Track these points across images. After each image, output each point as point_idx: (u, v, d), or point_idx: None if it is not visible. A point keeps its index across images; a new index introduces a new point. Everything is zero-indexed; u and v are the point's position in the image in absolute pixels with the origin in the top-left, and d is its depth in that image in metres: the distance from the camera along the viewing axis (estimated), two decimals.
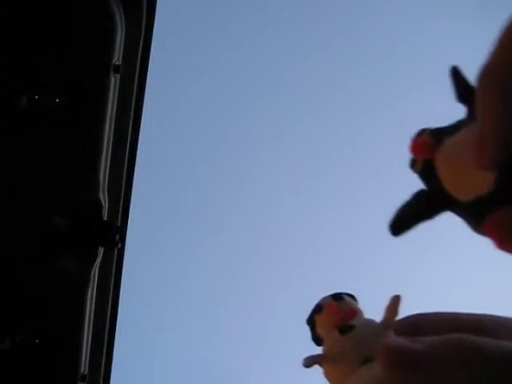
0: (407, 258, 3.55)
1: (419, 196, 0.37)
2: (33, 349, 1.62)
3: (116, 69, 1.47)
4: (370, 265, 3.53)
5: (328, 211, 3.43)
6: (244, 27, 3.37)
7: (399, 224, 0.37)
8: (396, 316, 0.40)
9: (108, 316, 1.74)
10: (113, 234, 1.62)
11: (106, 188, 1.58)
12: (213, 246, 3.65)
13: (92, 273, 1.62)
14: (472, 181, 0.34)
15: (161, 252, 3.64)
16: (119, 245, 1.65)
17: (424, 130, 0.36)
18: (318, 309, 0.42)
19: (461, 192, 0.35)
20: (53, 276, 1.58)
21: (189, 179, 3.57)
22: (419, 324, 0.40)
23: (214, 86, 3.39)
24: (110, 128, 1.52)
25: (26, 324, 1.63)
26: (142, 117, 1.60)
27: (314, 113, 3.32)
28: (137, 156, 1.63)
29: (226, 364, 3.69)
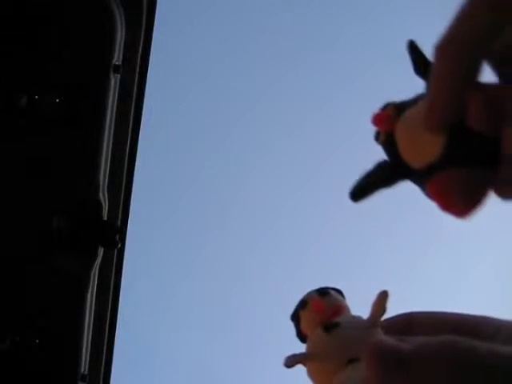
0: (396, 252, 3.55)
1: (380, 166, 0.38)
2: (33, 349, 1.62)
3: (116, 69, 1.47)
4: (358, 258, 3.53)
5: (315, 203, 3.43)
6: (244, 27, 3.37)
7: (359, 191, 0.38)
8: (383, 313, 0.38)
9: (108, 316, 1.74)
10: (113, 234, 1.62)
11: (106, 188, 1.58)
12: (213, 246, 3.65)
13: (92, 273, 1.62)
14: (424, 148, 0.35)
15: (161, 252, 3.65)
16: (119, 245, 1.65)
17: (388, 104, 0.38)
18: (303, 304, 0.40)
19: (415, 159, 0.36)
20: (53, 276, 1.58)
21: (189, 179, 3.57)
22: (410, 323, 0.39)
23: (214, 86, 3.39)
24: (110, 128, 1.52)
25: (26, 324, 1.63)
26: (142, 117, 1.60)
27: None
28: (137, 156, 1.63)
29: (226, 363, 3.69)
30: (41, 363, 1.65)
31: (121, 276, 1.74)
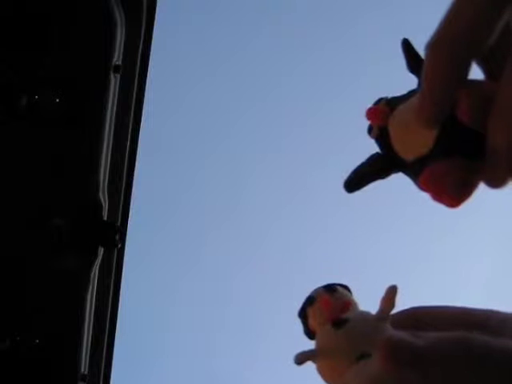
0: (404, 247, 3.55)
1: (373, 158, 0.39)
2: (33, 349, 1.62)
3: (116, 69, 1.47)
4: (366, 254, 3.53)
5: (321, 199, 3.43)
6: (244, 27, 3.37)
7: (353, 182, 0.39)
8: (392, 308, 0.38)
9: (108, 316, 1.74)
10: (113, 234, 1.61)
11: (106, 188, 1.58)
12: (214, 244, 3.65)
13: (92, 273, 1.62)
14: (416, 141, 0.37)
15: (161, 252, 3.64)
16: (119, 245, 1.65)
17: (381, 99, 0.39)
18: (310, 301, 0.40)
19: (407, 152, 0.37)
20: (53, 276, 1.58)
21: (189, 179, 3.57)
22: (419, 318, 0.39)
23: (215, 86, 3.39)
24: (110, 128, 1.52)
25: (26, 324, 1.63)
26: (142, 117, 1.60)
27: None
28: (137, 156, 1.63)
29: (229, 363, 3.69)
30: (41, 363, 1.65)
31: (121, 276, 1.73)
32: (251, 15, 3.32)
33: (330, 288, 0.41)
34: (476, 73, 0.37)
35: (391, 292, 0.38)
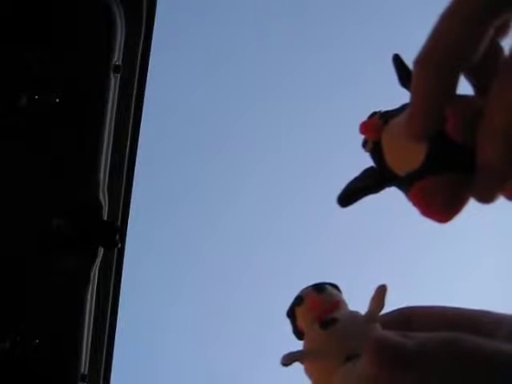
0: (394, 246, 3.55)
1: (367, 172, 0.39)
2: (33, 349, 1.62)
3: (116, 69, 1.47)
4: (355, 253, 3.53)
5: (312, 198, 3.43)
6: (244, 27, 3.37)
7: (347, 197, 0.39)
8: (382, 308, 0.38)
9: (108, 316, 1.74)
10: (113, 234, 1.61)
11: (106, 188, 1.58)
12: (212, 245, 3.65)
13: (92, 273, 1.62)
14: (407, 156, 0.37)
15: (161, 252, 3.64)
16: (119, 245, 1.65)
17: (375, 113, 0.40)
18: (299, 301, 0.40)
19: (399, 167, 0.38)
20: (53, 276, 1.58)
21: (189, 179, 3.57)
22: (409, 318, 0.39)
23: (215, 86, 3.39)
24: (110, 128, 1.52)
25: (26, 324, 1.63)
26: (142, 117, 1.60)
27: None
28: (137, 156, 1.63)
29: (226, 362, 3.69)
30: (41, 363, 1.65)
31: (121, 276, 1.73)
32: (251, 15, 3.31)
33: (319, 287, 0.40)
34: (465, 87, 0.37)
35: (381, 292, 0.38)
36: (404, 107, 0.38)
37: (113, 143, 1.55)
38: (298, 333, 0.40)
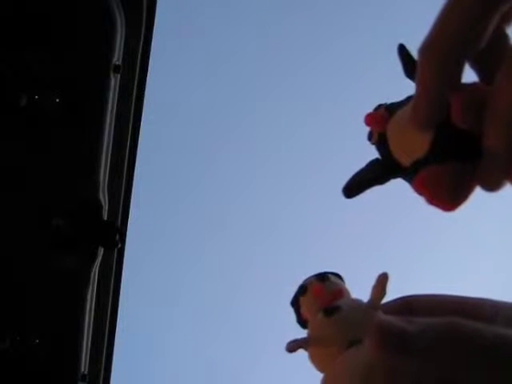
0: (395, 235, 3.56)
1: (373, 164, 0.39)
2: (33, 349, 1.62)
3: (116, 69, 1.47)
4: (357, 242, 3.53)
5: (313, 187, 3.43)
6: (244, 27, 3.37)
7: (352, 187, 0.39)
8: (384, 296, 0.38)
9: (108, 316, 1.74)
10: (113, 234, 1.61)
11: (106, 188, 1.58)
12: (212, 244, 3.65)
13: (92, 273, 1.62)
14: (412, 145, 0.37)
15: (161, 252, 3.65)
16: (119, 245, 1.65)
17: (380, 105, 0.40)
18: (302, 290, 0.40)
19: (404, 157, 0.37)
20: (53, 276, 1.58)
21: (189, 179, 3.57)
22: (409, 306, 0.39)
23: (215, 86, 3.39)
24: (110, 128, 1.52)
25: (26, 324, 1.63)
26: (142, 117, 1.60)
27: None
28: (137, 156, 1.63)
29: (228, 361, 3.69)
30: (41, 363, 1.65)
31: (121, 276, 1.73)
32: (251, 15, 3.32)
33: (322, 276, 0.41)
34: (470, 76, 0.37)
35: (382, 280, 0.39)
36: (409, 99, 0.38)
37: (113, 143, 1.55)
38: (302, 322, 0.40)
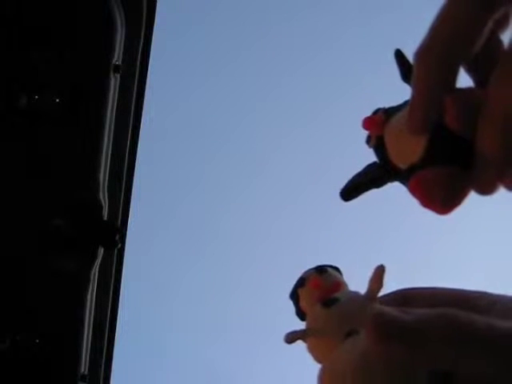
0: (392, 229, 3.56)
1: (370, 167, 0.40)
2: (33, 349, 1.62)
3: (116, 69, 1.47)
4: (355, 236, 3.53)
5: (311, 184, 3.44)
6: (244, 27, 3.37)
7: (349, 190, 0.40)
8: (381, 288, 0.39)
9: (108, 316, 1.74)
10: (113, 234, 1.61)
11: (106, 188, 1.58)
12: (212, 244, 3.65)
13: (92, 273, 1.62)
14: (408, 149, 0.37)
15: (161, 252, 3.65)
16: (119, 245, 1.65)
17: (379, 109, 0.40)
18: (301, 282, 0.41)
19: (400, 160, 0.38)
20: (53, 276, 1.58)
21: (189, 179, 3.57)
22: (407, 298, 0.40)
23: (215, 86, 3.39)
24: (110, 128, 1.52)
25: (26, 324, 1.63)
26: (142, 117, 1.60)
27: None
28: (137, 156, 1.63)
29: (226, 363, 3.69)
30: (41, 363, 1.65)
31: (121, 276, 1.73)
32: (251, 16, 3.32)
33: (321, 269, 0.41)
34: (465, 80, 0.37)
35: (379, 272, 0.39)
36: (407, 103, 0.38)
37: (113, 143, 1.55)
38: (301, 313, 0.41)
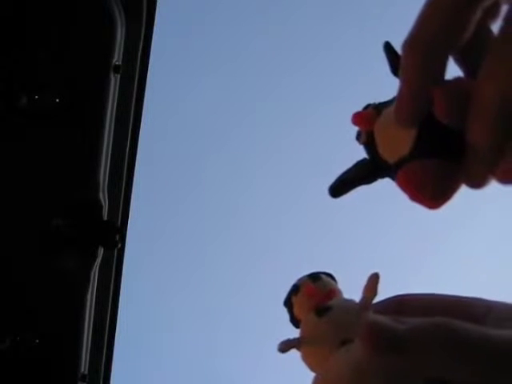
0: (387, 236, 3.56)
1: (360, 163, 0.39)
2: (33, 349, 1.62)
3: (116, 69, 1.47)
4: (349, 243, 3.54)
5: (306, 188, 3.44)
6: (244, 27, 3.37)
7: (338, 187, 0.39)
8: (375, 296, 0.39)
9: (108, 316, 1.74)
10: (113, 234, 1.61)
11: (106, 188, 1.58)
12: (212, 245, 3.65)
13: (92, 273, 1.62)
14: (397, 143, 0.36)
15: (161, 252, 3.65)
16: (119, 245, 1.65)
17: (369, 105, 0.39)
18: (295, 289, 0.41)
19: (390, 155, 0.37)
20: (53, 276, 1.58)
21: (189, 179, 3.57)
22: (402, 305, 0.39)
23: (215, 86, 3.39)
24: (110, 128, 1.52)
25: (26, 324, 1.63)
26: (142, 117, 1.60)
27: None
28: (137, 156, 1.63)
29: (226, 362, 3.69)
30: (41, 363, 1.65)
31: (121, 276, 1.73)
32: (251, 16, 3.32)
33: (315, 276, 0.41)
34: (454, 71, 0.37)
35: (373, 279, 0.39)
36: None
37: (113, 143, 1.55)
38: (295, 321, 0.40)
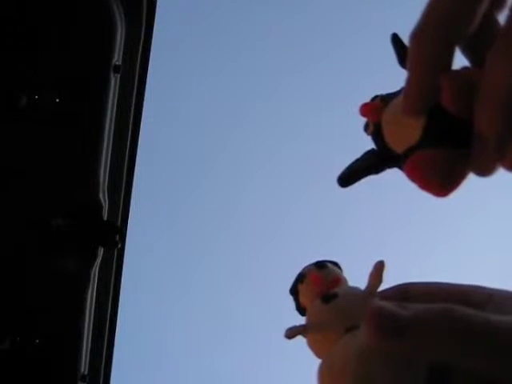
0: (392, 225, 3.56)
1: (368, 153, 0.39)
2: (33, 349, 1.62)
3: (116, 69, 1.47)
4: (355, 231, 3.54)
5: (310, 180, 3.43)
6: (244, 27, 3.37)
7: (347, 177, 0.40)
8: (380, 283, 0.39)
9: (108, 316, 1.74)
10: (113, 234, 1.61)
11: (106, 188, 1.58)
12: (212, 244, 3.65)
13: (92, 273, 1.62)
14: (405, 132, 0.36)
15: (161, 252, 3.65)
16: (119, 245, 1.65)
17: (376, 96, 0.39)
18: (301, 278, 0.41)
19: (398, 145, 0.37)
20: (53, 276, 1.58)
21: (189, 179, 3.57)
22: (407, 292, 0.40)
23: (214, 86, 3.39)
24: (110, 128, 1.52)
25: (26, 324, 1.63)
26: (142, 117, 1.60)
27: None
28: (137, 156, 1.63)
29: (226, 362, 3.69)
30: (41, 363, 1.65)
31: (121, 276, 1.74)
32: (251, 16, 3.32)
33: (320, 265, 0.41)
34: (462, 62, 0.37)
35: (379, 267, 0.39)
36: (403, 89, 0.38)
37: (113, 143, 1.55)
38: (301, 309, 0.41)
